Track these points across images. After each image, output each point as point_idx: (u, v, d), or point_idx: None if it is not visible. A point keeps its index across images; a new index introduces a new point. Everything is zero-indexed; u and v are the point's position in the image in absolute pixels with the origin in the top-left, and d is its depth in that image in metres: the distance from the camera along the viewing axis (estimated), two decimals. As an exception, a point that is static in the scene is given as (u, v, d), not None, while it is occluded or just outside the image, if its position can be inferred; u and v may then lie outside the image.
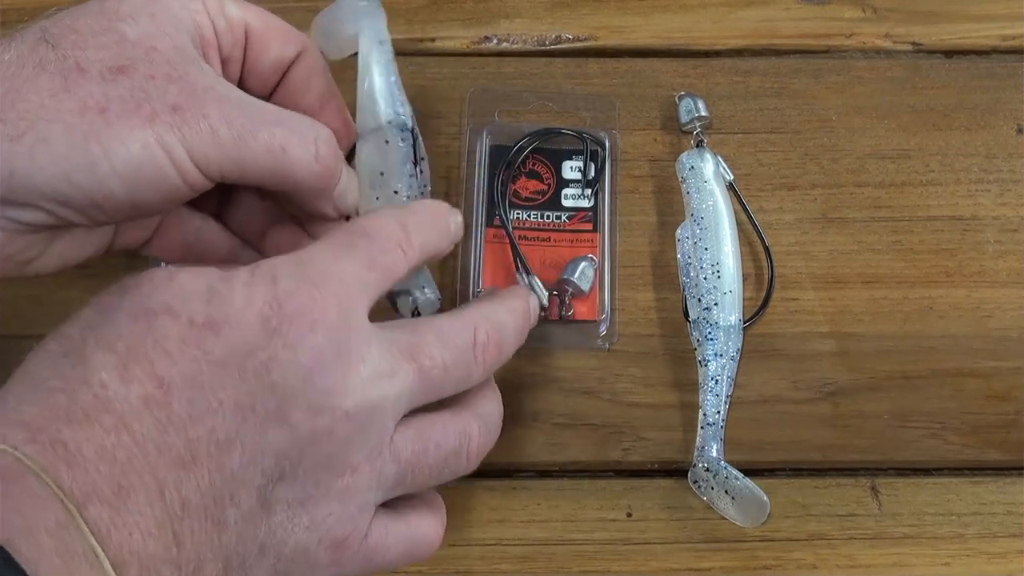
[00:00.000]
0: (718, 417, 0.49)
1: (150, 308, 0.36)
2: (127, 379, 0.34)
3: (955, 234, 0.55)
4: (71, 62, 0.39)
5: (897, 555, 0.50)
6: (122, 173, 0.38)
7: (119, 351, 0.35)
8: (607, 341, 0.53)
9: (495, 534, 0.50)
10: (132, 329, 0.35)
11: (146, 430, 0.34)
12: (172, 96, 0.39)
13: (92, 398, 0.34)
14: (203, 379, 0.35)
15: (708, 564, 0.50)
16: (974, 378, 0.53)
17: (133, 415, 0.34)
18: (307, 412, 0.36)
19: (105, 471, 0.33)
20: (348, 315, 0.38)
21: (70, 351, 0.35)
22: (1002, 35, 0.60)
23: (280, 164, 0.41)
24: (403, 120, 0.47)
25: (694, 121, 0.56)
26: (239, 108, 0.41)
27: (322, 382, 0.37)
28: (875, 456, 0.51)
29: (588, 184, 0.55)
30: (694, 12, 0.60)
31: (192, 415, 0.35)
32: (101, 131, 0.38)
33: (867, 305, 0.54)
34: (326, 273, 0.38)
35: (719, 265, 0.51)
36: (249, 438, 0.36)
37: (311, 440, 0.37)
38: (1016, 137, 0.57)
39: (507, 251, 0.53)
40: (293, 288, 0.37)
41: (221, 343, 0.36)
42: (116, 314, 0.36)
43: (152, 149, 0.38)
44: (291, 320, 0.37)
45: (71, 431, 0.33)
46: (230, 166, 0.40)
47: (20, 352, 0.51)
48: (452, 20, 0.60)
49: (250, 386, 0.36)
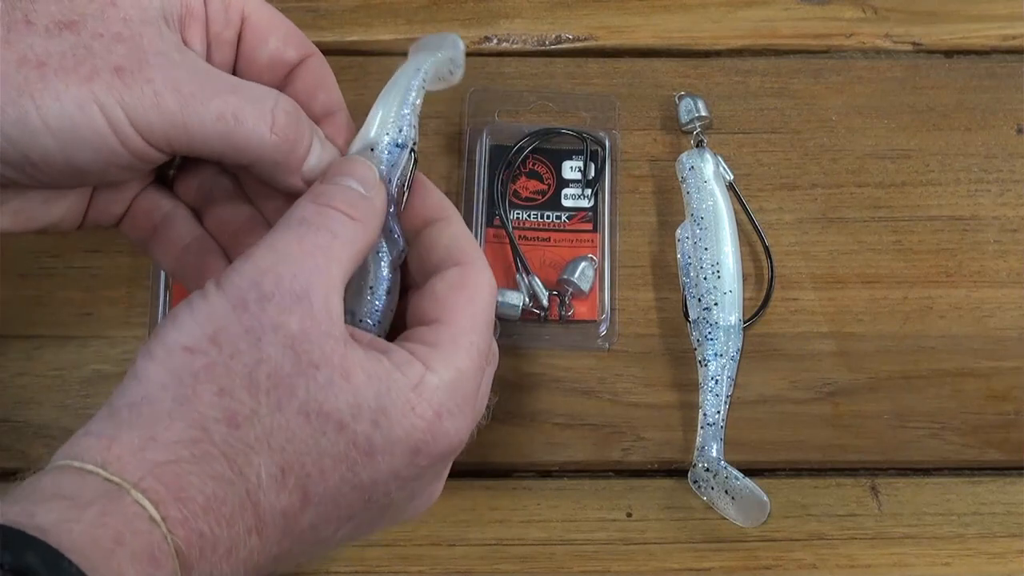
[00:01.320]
0: (718, 417, 0.49)
1: (324, 411, 0.36)
2: (281, 487, 0.35)
3: (955, 234, 0.55)
4: (19, 14, 0.37)
5: (897, 555, 0.50)
6: (55, 131, 0.37)
7: (285, 455, 0.35)
8: (607, 341, 0.53)
9: (495, 534, 0.50)
10: (302, 433, 0.35)
11: (272, 536, 0.35)
12: (117, 57, 0.38)
13: (244, 496, 0.34)
14: (339, 499, 0.36)
15: (708, 564, 0.50)
16: (974, 378, 0.53)
17: (270, 522, 0.35)
18: (395, 518, 0.41)
19: (227, 569, 0.34)
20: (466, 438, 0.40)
21: (235, 422, 0.35)
22: (1002, 35, 0.60)
23: (232, 133, 0.39)
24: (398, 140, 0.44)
25: (694, 121, 0.56)
26: (191, 74, 0.39)
27: (423, 499, 0.41)
28: (875, 456, 0.51)
29: (588, 184, 0.55)
30: (694, 12, 0.60)
31: (313, 526, 0.36)
32: (35, 86, 0.36)
33: (867, 305, 0.54)
34: (472, 399, 0.39)
35: (719, 265, 0.51)
36: (339, 535, 0.38)
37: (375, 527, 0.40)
38: (1016, 137, 0.57)
39: (507, 251, 0.53)
40: (451, 428, 0.38)
41: (369, 470, 0.37)
42: (290, 400, 0.35)
43: (87, 109, 0.37)
44: (438, 458, 0.38)
45: (219, 528, 0.34)
46: (178, 134, 0.39)
47: (20, 352, 0.51)
48: (452, 20, 0.60)
49: (369, 506, 0.37)
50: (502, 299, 0.51)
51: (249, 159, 0.41)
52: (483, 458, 0.51)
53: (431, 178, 0.55)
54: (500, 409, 0.51)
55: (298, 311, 0.36)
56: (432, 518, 0.50)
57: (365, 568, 0.49)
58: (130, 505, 0.32)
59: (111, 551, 0.31)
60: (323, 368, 0.36)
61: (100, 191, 0.44)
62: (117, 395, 0.36)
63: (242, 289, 0.36)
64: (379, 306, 0.42)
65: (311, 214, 0.39)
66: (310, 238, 0.38)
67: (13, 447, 0.50)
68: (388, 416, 0.36)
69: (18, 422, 0.51)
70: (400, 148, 0.43)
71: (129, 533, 0.32)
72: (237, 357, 0.35)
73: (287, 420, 0.35)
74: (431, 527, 0.50)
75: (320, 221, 0.39)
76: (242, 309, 0.36)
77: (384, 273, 0.42)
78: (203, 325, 0.36)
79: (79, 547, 0.31)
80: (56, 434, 0.50)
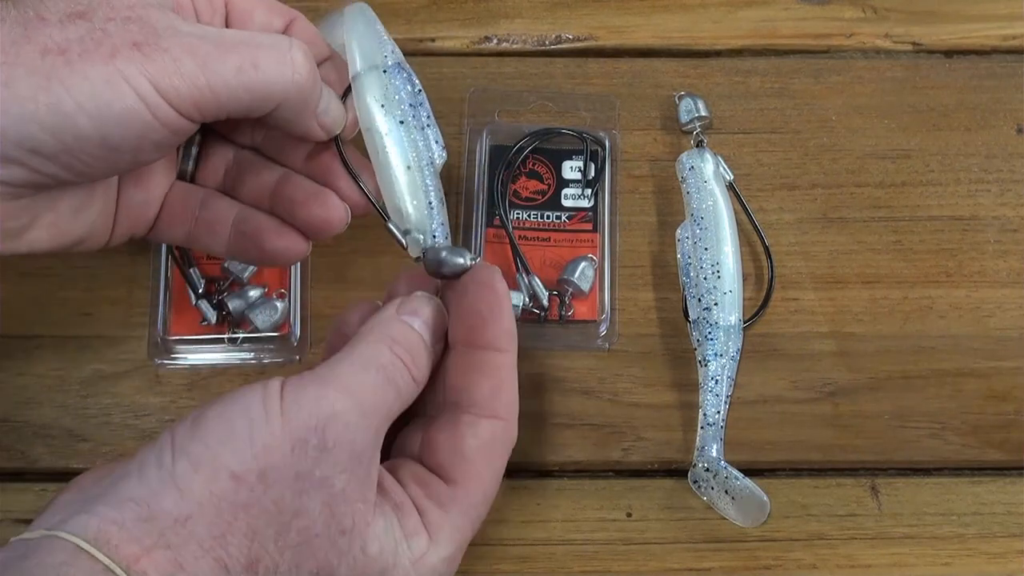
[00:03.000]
0: (718, 417, 0.49)
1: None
2: None
3: (955, 234, 0.55)
4: (31, 12, 0.39)
5: (897, 555, 0.50)
6: (89, 110, 0.38)
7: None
8: (607, 341, 0.53)
9: (495, 534, 0.50)
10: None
11: None
12: (132, 34, 0.39)
13: None
14: None
15: (708, 564, 0.50)
16: (974, 378, 0.53)
17: None
18: None
19: None
20: None
21: (253, 566, 0.36)
22: (1002, 35, 0.60)
23: (255, 82, 0.40)
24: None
25: (694, 121, 0.56)
26: (202, 39, 0.40)
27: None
28: (875, 456, 0.51)
29: (588, 184, 0.55)
30: (694, 12, 0.60)
31: None
32: (62, 71, 0.38)
33: (867, 305, 0.54)
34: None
35: (719, 265, 0.51)
36: None
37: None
38: (1016, 137, 0.57)
39: (507, 251, 0.53)
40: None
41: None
42: (307, 558, 0.37)
43: (117, 84, 0.38)
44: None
45: None
46: (205, 97, 0.40)
47: (20, 352, 0.51)
48: (452, 20, 0.60)
49: None
50: None
51: (275, 103, 0.42)
52: (483, 458, 0.51)
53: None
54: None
55: (348, 471, 0.38)
56: (432, 518, 0.50)
57: (365, 568, 0.49)
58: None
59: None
60: (348, 535, 0.38)
61: (129, 192, 0.45)
62: (152, 487, 0.36)
63: (306, 430, 0.37)
64: (444, 219, 0.45)
65: (388, 362, 0.41)
66: (381, 393, 0.40)
67: (13, 447, 0.50)
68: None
69: (18, 422, 0.51)
70: (399, 66, 0.46)
71: None
72: (279, 503, 0.36)
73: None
74: (431, 527, 0.50)
75: (392, 375, 0.41)
76: (301, 453, 0.37)
77: (439, 184, 0.45)
78: (257, 456, 0.36)
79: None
80: (56, 434, 0.50)
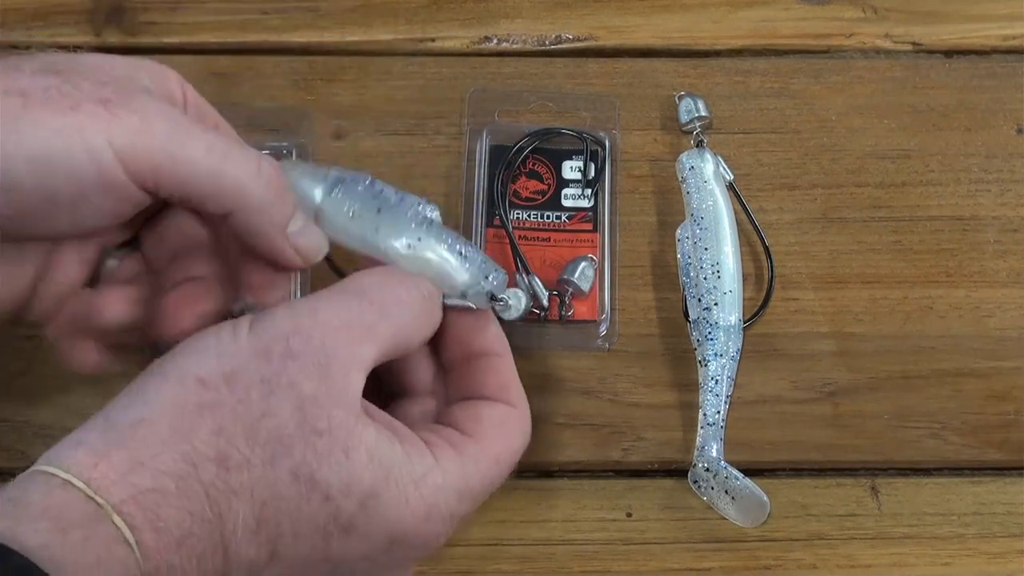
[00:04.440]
0: (718, 417, 0.49)
1: (314, 480, 0.36)
2: (252, 539, 0.36)
3: (955, 234, 0.55)
4: (11, 64, 0.38)
5: (897, 555, 0.50)
6: (30, 155, 0.36)
7: (264, 509, 0.36)
8: (607, 341, 0.53)
9: (495, 534, 0.50)
10: (286, 492, 0.36)
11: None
12: (103, 93, 0.37)
13: (218, 537, 0.35)
14: (305, 567, 0.37)
15: (708, 564, 0.50)
16: (974, 378, 0.53)
17: (234, 570, 0.35)
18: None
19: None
20: None
21: (225, 462, 0.35)
22: (1002, 35, 0.60)
23: (221, 171, 0.38)
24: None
25: (694, 121, 0.56)
26: (180, 115, 0.39)
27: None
28: (875, 456, 0.51)
29: (588, 184, 0.55)
30: (694, 12, 0.60)
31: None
32: (17, 112, 0.36)
33: (867, 305, 0.54)
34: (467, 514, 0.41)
35: (719, 265, 0.51)
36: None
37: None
38: (1016, 137, 0.57)
39: (507, 251, 0.53)
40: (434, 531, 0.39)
41: (341, 547, 0.37)
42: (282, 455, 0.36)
43: (68, 136, 0.36)
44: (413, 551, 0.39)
45: (188, 564, 0.34)
46: (166, 167, 0.37)
47: (20, 352, 0.51)
48: (452, 20, 0.60)
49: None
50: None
51: (235, 204, 0.39)
52: (483, 458, 0.51)
53: (431, 178, 0.55)
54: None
55: (316, 377, 0.37)
56: (432, 518, 0.50)
57: (365, 568, 0.49)
58: (109, 528, 0.33)
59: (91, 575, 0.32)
60: (325, 437, 0.36)
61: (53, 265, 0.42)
62: (119, 407, 0.36)
63: (271, 340, 0.37)
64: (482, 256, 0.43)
65: (371, 286, 0.40)
66: (356, 311, 0.39)
67: (13, 447, 0.50)
68: (379, 501, 0.37)
69: (18, 422, 0.51)
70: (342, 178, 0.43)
71: (108, 557, 0.33)
72: (245, 403, 0.36)
73: (276, 476, 0.36)
74: (431, 527, 0.50)
75: (377, 296, 0.39)
76: (264, 359, 0.36)
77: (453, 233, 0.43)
78: (222, 362, 0.36)
79: (62, 568, 0.31)
80: (57, 434, 0.49)
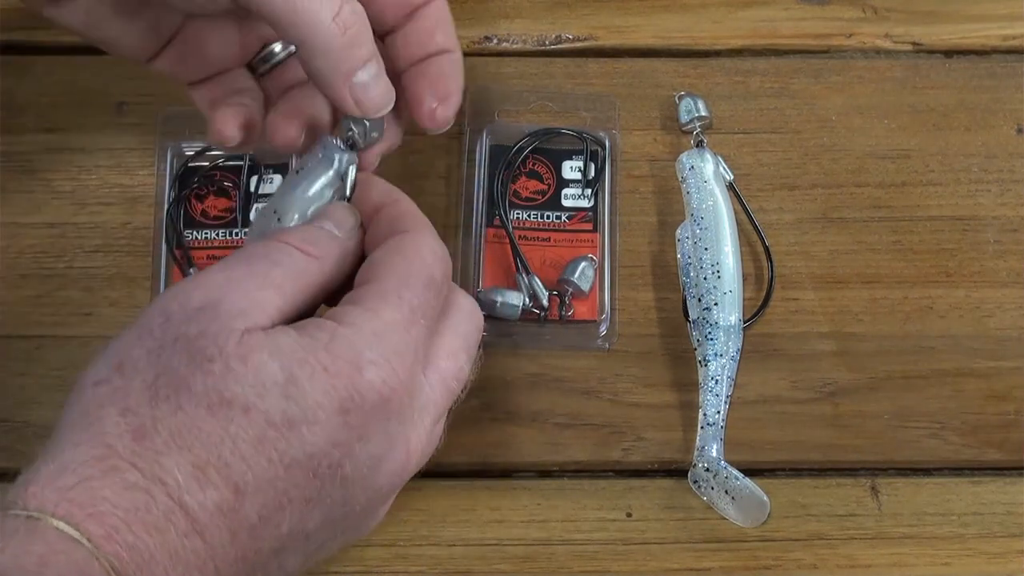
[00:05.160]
0: (718, 417, 0.49)
1: (225, 399, 0.35)
2: (203, 483, 0.34)
3: (955, 234, 0.55)
4: None
5: (897, 555, 0.50)
6: None
7: (196, 452, 0.34)
8: (607, 341, 0.53)
9: (495, 534, 0.50)
10: (209, 426, 0.35)
11: (218, 536, 0.34)
12: None
13: (168, 500, 0.34)
14: (277, 482, 0.35)
15: (708, 564, 0.50)
16: (974, 378, 0.53)
17: (207, 521, 0.34)
18: (369, 494, 0.38)
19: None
20: (414, 390, 0.38)
21: (140, 433, 0.35)
22: (1002, 35, 0.60)
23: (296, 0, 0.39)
24: None
25: (694, 121, 0.56)
26: None
27: (388, 466, 0.38)
28: (875, 456, 0.51)
29: (588, 184, 0.55)
30: (694, 12, 0.60)
31: (263, 517, 0.35)
32: None
33: (867, 305, 0.54)
34: (403, 352, 0.38)
35: (719, 265, 0.51)
36: (311, 524, 0.36)
37: (366, 510, 0.39)
38: (1016, 137, 0.57)
39: (507, 251, 0.53)
40: (376, 379, 0.36)
41: (297, 444, 0.35)
42: (188, 398, 0.35)
43: None
44: (372, 413, 0.37)
45: (149, 537, 0.33)
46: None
47: (20, 352, 0.51)
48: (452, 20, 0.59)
49: (321, 481, 0.36)
50: (502, 299, 0.51)
51: (302, 38, 0.40)
52: (483, 458, 0.51)
53: (431, 178, 0.55)
54: (500, 409, 0.52)
55: (197, 319, 0.36)
56: (432, 518, 0.50)
57: (365, 568, 0.49)
58: (51, 531, 0.32)
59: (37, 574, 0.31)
60: (217, 360, 0.35)
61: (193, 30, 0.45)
62: (53, 441, 0.36)
63: (149, 317, 0.37)
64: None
65: (256, 249, 0.39)
66: (241, 268, 0.38)
67: (13, 447, 0.50)
68: (299, 384, 0.35)
69: (18, 422, 0.51)
70: None
71: (53, 555, 0.32)
72: (138, 376, 0.35)
73: (190, 418, 0.35)
74: (431, 527, 0.50)
75: (263, 252, 0.39)
76: (147, 334, 0.36)
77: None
78: (110, 358, 0.36)
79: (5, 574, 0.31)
80: None
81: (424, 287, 0.39)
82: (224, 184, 0.54)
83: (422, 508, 0.50)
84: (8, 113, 0.56)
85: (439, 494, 0.50)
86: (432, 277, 0.40)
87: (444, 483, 0.50)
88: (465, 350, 0.41)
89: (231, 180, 0.54)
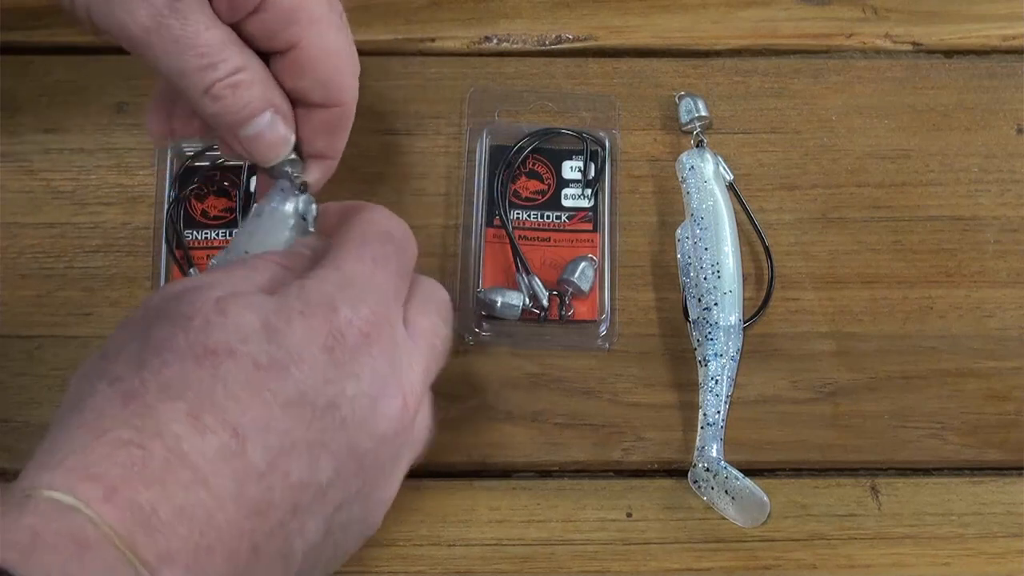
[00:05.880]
0: (718, 417, 0.49)
1: (209, 348, 0.35)
2: (201, 430, 0.34)
3: (955, 234, 0.55)
4: None
5: (897, 555, 0.50)
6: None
7: (188, 399, 0.34)
8: (607, 341, 0.53)
9: (495, 534, 0.50)
10: (197, 374, 0.35)
11: (224, 484, 0.34)
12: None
13: (167, 453, 0.33)
14: (276, 423, 0.35)
15: (708, 564, 0.50)
16: (974, 378, 0.53)
17: (211, 469, 0.34)
18: (374, 441, 0.38)
19: (183, 532, 0.33)
20: (395, 332, 0.39)
21: (130, 395, 0.35)
22: (1002, 35, 0.60)
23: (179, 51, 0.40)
24: None
25: (694, 121, 0.56)
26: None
27: (385, 409, 0.38)
28: (875, 456, 0.51)
29: (588, 184, 0.55)
30: (694, 12, 0.60)
31: (268, 461, 0.35)
32: None
33: (867, 305, 0.54)
34: (373, 292, 0.39)
35: (719, 265, 0.51)
36: (322, 475, 0.36)
37: (375, 464, 0.38)
38: (1016, 137, 0.57)
39: (507, 251, 0.53)
40: (351, 316, 0.38)
41: (290, 383, 0.36)
42: (173, 354, 0.35)
43: None
44: (357, 350, 0.37)
45: (149, 492, 0.32)
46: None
47: (21, 352, 0.51)
48: (452, 20, 0.59)
49: (322, 423, 0.36)
50: (502, 299, 0.51)
51: (187, 98, 0.42)
52: (483, 458, 0.51)
53: (431, 178, 0.55)
54: (500, 409, 0.52)
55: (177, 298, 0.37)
56: (432, 518, 0.50)
57: (365, 568, 0.49)
58: (44, 503, 0.32)
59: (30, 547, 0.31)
60: (197, 317, 0.36)
61: None
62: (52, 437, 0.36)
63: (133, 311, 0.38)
64: None
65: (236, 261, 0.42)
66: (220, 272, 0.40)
67: (13, 447, 0.50)
68: (278, 329, 0.36)
69: (18, 422, 0.51)
70: None
71: (45, 525, 0.31)
72: (123, 352, 0.36)
73: (177, 371, 0.35)
74: (431, 527, 0.50)
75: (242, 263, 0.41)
76: (130, 323, 0.38)
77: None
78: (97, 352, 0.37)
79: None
80: None
81: (381, 242, 0.41)
82: (224, 184, 0.54)
83: (422, 508, 0.50)
84: (8, 113, 0.56)
85: (439, 494, 0.50)
86: (389, 233, 0.42)
87: (444, 483, 0.50)
88: (437, 312, 0.43)
89: (231, 180, 0.54)
